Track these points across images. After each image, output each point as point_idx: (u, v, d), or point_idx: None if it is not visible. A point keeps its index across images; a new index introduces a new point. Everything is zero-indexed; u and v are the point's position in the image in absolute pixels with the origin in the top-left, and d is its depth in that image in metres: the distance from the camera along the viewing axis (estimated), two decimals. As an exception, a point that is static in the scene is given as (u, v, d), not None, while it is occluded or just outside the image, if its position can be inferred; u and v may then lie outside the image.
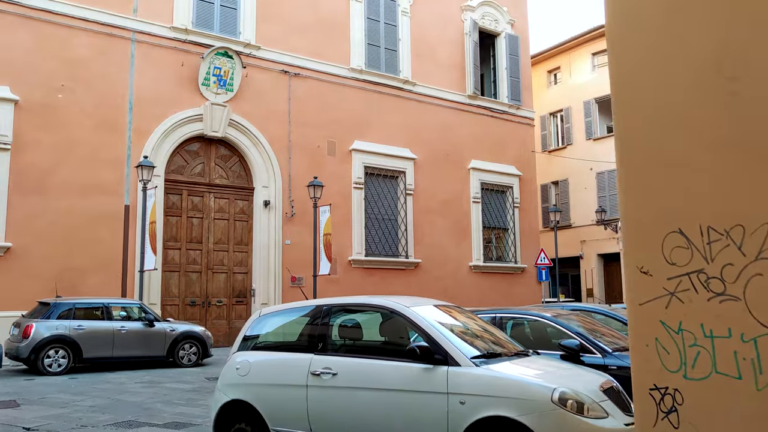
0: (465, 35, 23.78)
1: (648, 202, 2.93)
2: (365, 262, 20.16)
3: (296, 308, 5.62)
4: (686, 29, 2.78)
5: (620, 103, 3.23)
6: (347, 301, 5.50)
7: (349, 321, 5.32)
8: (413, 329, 4.84)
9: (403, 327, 5.14)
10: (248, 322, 5.74)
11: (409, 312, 4.88)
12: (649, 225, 2.92)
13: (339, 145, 20.17)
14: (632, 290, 2.99)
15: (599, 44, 30.26)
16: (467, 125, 23.38)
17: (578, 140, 30.72)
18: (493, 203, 23.96)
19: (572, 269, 30.47)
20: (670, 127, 2.87)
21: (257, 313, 5.78)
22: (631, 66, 3.07)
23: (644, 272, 2.93)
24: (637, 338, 2.97)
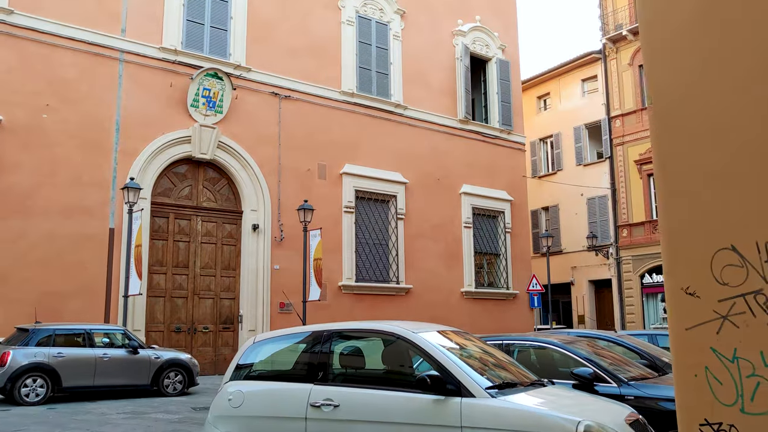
0: (456, 60, 23.71)
1: (693, 215, 2.59)
2: (355, 287, 19.75)
3: (293, 334, 5.24)
4: (731, 31, 2.49)
5: (660, 110, 2.89)
6: (348, 326, 5.12)
7: (351, 348, 4.96)
8: (422, 356, 4.48)
9: (407, 354, 4.78)
10: (241, 349, 5.35)
11: (416, 338, 4.52)
12: (694, 241, 2.59)
13: (329, 169, 19.88)
14: (676, 314, 2.65)
15: (589, 70, 30.37)
16: (459, 150, 23.20)
17: (568, 166, 30.64)
18: (485, 228, 23.69)
19: (563, 296, 30.18)
20: (720, 133, 2.55)
21: (251, 339, 5.40)
22: (671, 69, 2.76)
23: (690, 293, 2.60)
24: (683, 367, 2.62)
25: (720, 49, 2.51)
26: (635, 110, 27.96)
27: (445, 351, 4.42)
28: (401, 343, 4.69)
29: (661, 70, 2.76)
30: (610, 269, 28.39)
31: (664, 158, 2.76)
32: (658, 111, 2.84)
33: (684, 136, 2.68)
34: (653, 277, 26.81)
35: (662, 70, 2.76)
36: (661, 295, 26.76)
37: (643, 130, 27.55)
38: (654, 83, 2.81)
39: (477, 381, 4.15)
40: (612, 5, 29.20)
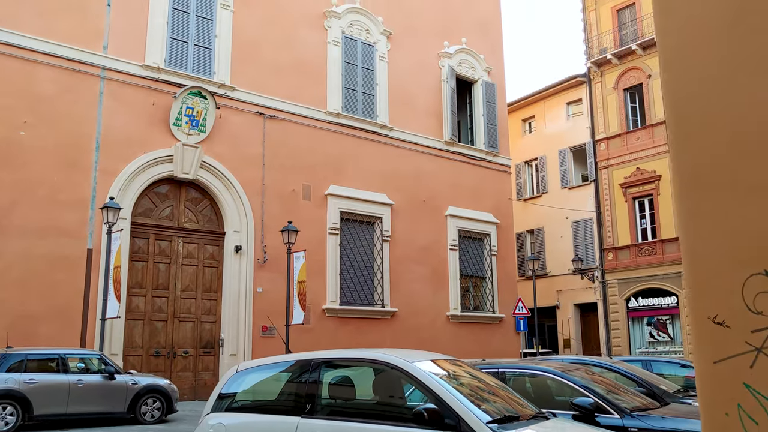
0: (442, 81, 23.64)
1: (721, 236, 2.32)
2: (340, 311, 19.37)
3: (279, 363, 4.92)
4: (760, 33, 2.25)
5: (679, 121, 2.63)
6: (338, 354, 4.80)
7: (340, 378, 4.64)
8: (418, 388, 4.18)
9: (399, 384, 4.48)
10: (224, 378, 5.00)
11: (412, 368, 4.22)
12: (722, 264, 2.31)
13: (314, 190, 19.59)
14: (703, 345, 2.37)
15: (573, 93, 30.47)
16: (444, 171, 23.03)
17: (553, 189, 30.60)
18: (471, 251, 23.46)
19: (548, 319, 29.96)
20: (751, 146, 2.29)
21: (234, 368, 5.07)
22: (691, 77, 2.51)
23: (718, 323, 2.33)
24: (711, 405, 2.34)
25: (750, 52, 2.27)
26: (620, 134, 28.01)
27: (442, 382, 4.12)
28: (394, 373, 4.39)
29: (680, 78, 2.51)
30: (596, 293, 28.23)
31: (684, 174, 2.50)
32: (677, 122, 2.58)
33: (707, 150, 2.42)
34: (639, 300, 26.68)
35: (682, 78, 2.51)
36: (647, 319, 26.64)
37: (627, 153, 27.60)
38: (672, 92, 2.55)
39: (477, 415, 3.85)
40: (596, 29, 29.39)
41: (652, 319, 26.47)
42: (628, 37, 28.43)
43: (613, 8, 28.98)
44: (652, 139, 26.88)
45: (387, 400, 4.62)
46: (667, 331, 26.00)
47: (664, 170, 26.23)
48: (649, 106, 27.17)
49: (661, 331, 26.14)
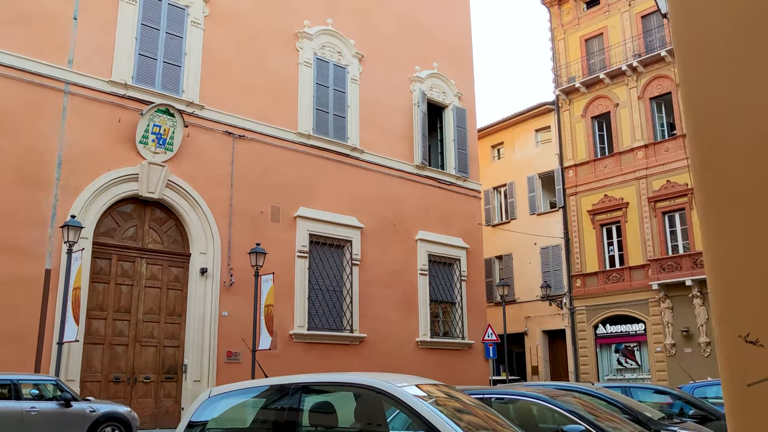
0: (414, 105, 23.59)
1: (752, 248, 2.10)
2: (307, 335, 18.91)
3: (255, 387, 4.56)
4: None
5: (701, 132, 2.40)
6: (319, 379, 4.47)
7: (321, 403, 4.31)
8: (408, 414, 3.87)
9: (382, 410, 4.17)
10: (194, 404, 4.63)
11: (401, 393, 3.91)
12: (754, 279, 2.09)
13: (283, 211, 19.22)
14: (733, 367, 2.14)
15: (542, 121, 30.75)
16: (415, 195, 22.88)
17: (522, 215, 30.68)
18: (441, 276, 23.25)
19: (516, 346, 29.81)
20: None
21: (206, 393, 4.69)
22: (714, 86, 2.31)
23: (751, 342, 2.09)
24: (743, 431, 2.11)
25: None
26: (588, 161, 28.27)
27: (432, 408, 3.82)
28: (377, 398, 4.08)
29: (701, 86, 2.30)
30: (564, 319, 28.21)
31: (709, 187, 2.26)
32: (699, 133, 2.36)
33: (732, 161, 2.19)
34: (607, 327, 26.72)
35: (703, 87, 2.30)
36: (615, 346, 26.66)
37: (595, 180, 27.84)
38: (692, 103, 2.34)
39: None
40: (565, 58, 29.79)
41: (620, 346, 26.50)
42: (596, 66, 28.86)
43: (581, 38, 29.44)
44: (619, 166, 27.16)
45: (369, 427, 4.31)
46: (635, 358, 26.03)
47: (631, 197, 26.49)
48: (617, 134, 27.51)
49: (629, 358, 26.17)
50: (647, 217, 25.83)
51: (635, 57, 27.09)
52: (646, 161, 26.28)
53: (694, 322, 23.83)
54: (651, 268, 24.89)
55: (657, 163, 25.93)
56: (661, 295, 24.62)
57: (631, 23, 27.70)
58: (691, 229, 24.52)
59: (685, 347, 24.01)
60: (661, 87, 26.38)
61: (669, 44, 26.12)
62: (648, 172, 26.12)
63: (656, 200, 25.63)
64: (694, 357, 23.67)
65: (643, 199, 26.07)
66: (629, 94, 27.33)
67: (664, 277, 24.35)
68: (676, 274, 24.04)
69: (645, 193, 26.04)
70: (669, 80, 26.10)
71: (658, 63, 26.48)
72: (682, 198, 24.91)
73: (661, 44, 26.60)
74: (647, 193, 25.97)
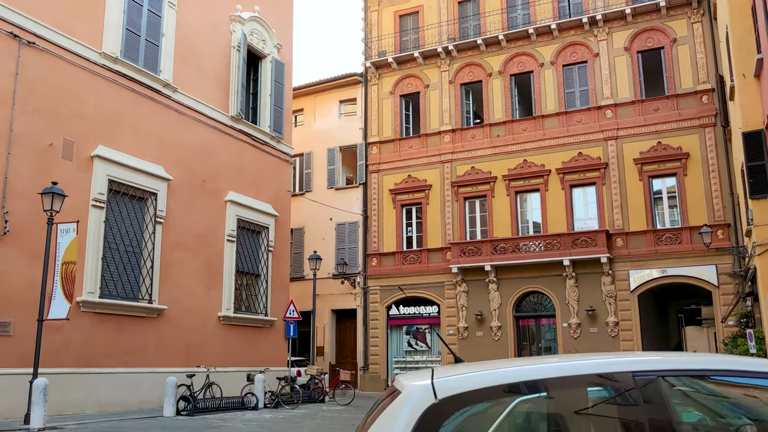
0: (233, 48, 20.65)
1: None
2: (99, 305, 15.22)
3: (558, 379, 2.20)
4: None
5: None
6: (693, 362, 2.30)
7: (714, 400, 2.26)
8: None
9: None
10: (401, 422, 2.08)
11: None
12: None
13: (78, 148, 15.23)
14: None
15: (348, 92, 29.43)
16: (228, 151, 20.04)
17: (319, 188, 29.10)
18: (248, 244, 20.72)
19: (302, 325, 28.13)
20: None
21: (419, 393, 2.18)
22: None
23: None
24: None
25: None
26: (393, 139, 27.62)
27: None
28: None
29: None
30: (356, 299, 27.27)
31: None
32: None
33: None
34: (400, 308, 26.33)
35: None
36: (407, 328, 26.39)
37: (399, 160, 27.28)
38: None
39: None
40: (377, 31, 28.79)
41: (412, 327, 26.30)
42: (408, 44, 28.30)
43: (396, 12, 28.66)
44: (425, 148, 26.91)
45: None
46: (426, 340, 26.01)
47: (435, 180, 26.38)
48: (425, 115, 27.24)
49: (420, 341, 26.08)
50: (449, 201, 25.90)
51: (451, 40, 27.02)
52: (452, 146, 26.34)
53: (488, 306, 24.39)
54: (452, 251, 24.98)
55: (463, 149, 26.12)
56: (459, 278, 24.83)
57: (447, 7, 27.57)
58: (491, 215, 25.07)
59: (477, 330, 24.49)
60: (473, 74, 26.64)
61: (483, 33, 26.48)
62: (453, 157, 26.21)
63: (459, 185, 25.80)
64: (484, 340, 24.22)
65: (447, 183, 26.10)
66: (441, 77, 27.20)
67: (464, 261, 24.56)
68: (477, 258, 24.38)
69: (449, 177, 26.09)
70: (481, 68, 26.44)
71: (472, 50, 26.68)
72: (485, 185, 25.36)
73: (475, 32, 26.85)
74: (451, 177, 26.05)
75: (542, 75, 25.37)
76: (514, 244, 24.05)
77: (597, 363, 2.36)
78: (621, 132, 23.59)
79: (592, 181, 23.77)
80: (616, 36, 24.40)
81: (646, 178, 22.98)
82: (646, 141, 23.16)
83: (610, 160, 23.51)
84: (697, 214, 21.99)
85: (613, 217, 23.13)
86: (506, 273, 24.14)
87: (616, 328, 22.42)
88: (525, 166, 24.80)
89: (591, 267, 22.89)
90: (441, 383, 2.27)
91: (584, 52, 24.83)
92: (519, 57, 25.89)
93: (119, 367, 15.52)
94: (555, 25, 25.00)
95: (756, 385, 2.23)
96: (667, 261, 22.10)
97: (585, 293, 23.01)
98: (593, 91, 24.42)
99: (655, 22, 23.88)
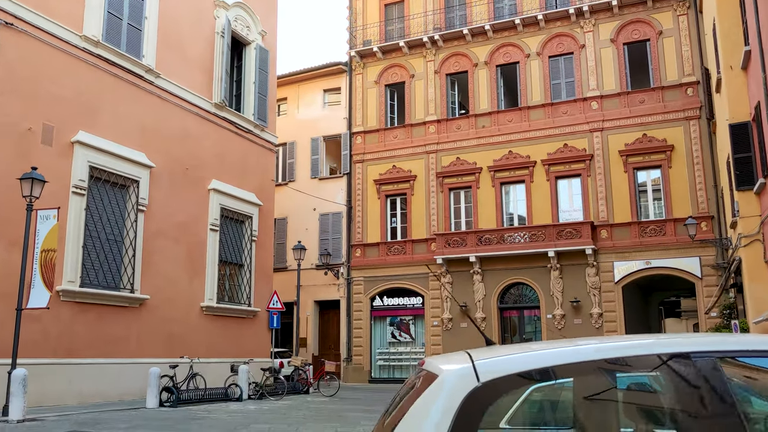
0: (217, 34, 20.28)
1: None
2: (79, 294, 14.86)
3: (618, 359, 2.01)
4: None
5: None
6: (758, 340, 2.15)
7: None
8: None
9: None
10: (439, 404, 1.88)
11: None
12: None
13: (59, 133, 14.83)
14: None
15: (333, 81, 29.15)
16: (211, 138, 19.70)
17: (302, 178, 28.81)
18: (231, 234, 20.41)
19: (285, 316, 27.86)
20: None
21: (459, 375, 2.00)
22: None
23: None
24: None
25: None
26: (378, 129, 27.40)
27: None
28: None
29: None
30: (340, 290, 27.07)
31: None
32: None
33: None
34: (384, 300, 26.18)
35: None
36: (390, 319, 26.26)
37: (384, 150, 27.07)
38: None
39: None
40: (363, 20, 28.50)
41: (396, 319, 26.17)
42: (393, 33, 28.06)
43: (381, 1, 28.41)
44: (410, 138, 26.73)
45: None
46: (410, 331, 25.90)
47: (420, 171, 26.23)
48: (410, 105, 27.04)
49: (404, 332, 25.96)
50: (434, 192, 25.77)
51: (436, 30, 26.82)
52: (437, 136, 26.18)
53: (472, 297, 24.31)
54: (437, 242, 24.85)
55: (448, 140, 25.98)
56: (444, 269, 24.73)
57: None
58: (476, 207, 24.99)
59: (462, 322, 24.42)
60: (459, 65, 26.48)
61: (469, 23, 26.32)
62: (438, 147, 26.06)
63: (444, 176, 25.68)
64: (469, 331, 24.16)
65: (432, 173, 25.95)
66: (426, 66, 27.00)
67: (449, 252, 24.46)
68: (462, 249, 24.29)
69: (434, 168, 25.95)
70: (466, 59, 26.29)
71: (458, 40, 26.51)
72: (470, 176, 25.25)
73: (461, 22, 26.67)
74: (436, 168, 25.90)
75: (528, 66, 25.28)
76: (499, 235, 24.00)
77: (654, 343, 2.20)
78: (606, 124, 23.60)
79: (578, 172, 23.77)
80: (603, 28, 24.38)
81: (631, 170, 23.03)
82: (631, 133, 23.19)
83: (596, 151, 23.53)
84: (682, 206, 22.08)
85: (598, 209, 23.16)
86: (491, 264, 24.07)
87: (600, 320, 22.48)
88: (510, 158, 24.73)
89: (576, 258, 22.91)
90: (483, 365, 2.09)
91: (570, 43, 24.78)
92: (505, 47, 25.78)
93: (100, 357, 15.19)
94: (541, 15, 24.92)
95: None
96: (651, 253, 22.18)
97: (569, 285, 23.03)
98: (579, 82, 24.39)
99: (641, 14, 23.89)
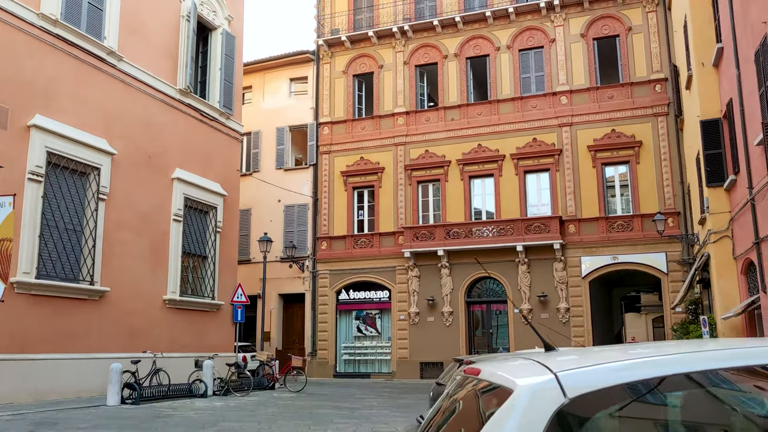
0: (182, 18, 19.56)
1: None
2: (35, 286, 14.12)
3: (720, 370, 1.72)
4: None
5: None
6: None
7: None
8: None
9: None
10: (525, 428, 1.54)
11: None
12: None
13: (14, 116, 14.03)
14: None
15: (299, 70, 28.55)
16: (175, 126, 19.01)
17: (267, 168, 28.19)
18: (195, 225, 19.76)
19: (248, 309, 27.27)
20: None
21: (537, 391, 1.67)
22: None
23: None
24: None
25: None
26: (345, 120, 26.95)
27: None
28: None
29: None
30: (305, 283, 26.59)
31: None
32: None
33: None
34: (350, 293, 25.81)
35: None
36: (356, 313, 25.91)
37: (351, 141, 26.65)
38: None
39: None
40: (331, 8, 27.96)
41: (362, 312, 25.82)
42: (363, 22, 27.61)
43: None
44: (378, 130, 26.35)
45: None
46: (375, 325, 25.59)
47: (388, 163, 25.89)
48: (378, 96, 26.66)
49: (369, 326, 25.63)
50: (402, 185, 25.47)
51: (406, 20, 26.47)
52: (406, 128, 25.87)
53: (439, 291, 24.12)
54: (405, 235, 24.57)
55: (417, 132, 25.69)
56: (411, 263, 24.47)
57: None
58: (444, 200, 24.77)
59: (429, 316, 24.20)
60: (428, 56, 26.18)
61: (440, 14, 26.03)
62: (407, 140, 25.75)
63: (413, 168, 25.39)
64: (436, 326, 23.97)
65: (400, 166, 25.64)
66: (395, 57, 26.64)
67: (417, 246, 24.20)
68: (430, 243, 24.06)
69: (402, 160, 25.64)
70: (436, 50, 26.01)
71: (428, 31, 26.21)
72: (438, 169, 25.02)
73: (431, 13, 26.36)
74: (404, 160, 25.60)
75: (498, 59, 25.13)
76: (467, 229, 23.83)
77: (756, 351, 1.89)
78: (576, 119, 23.60)
79: (546, 167, 23.74)
80: (573, 22, 24.36)
81: (600, 165, 23.09)
82: (600, 128, 23.24)
83: (564, 146, 23.51)
84: (649, 202, 22.22)
85: (566, 204, 23.16)
86: (459, 258, 23.90)
87: (567, 314, 22.52)
88: (479, 151, 24.57)
89: (543, 253, 22.89)
90: (569, 378, 1.76)
91: (541, 37, 24.70)
92: (475, 40, 25.57)
93: (57, 353, 14.47)
94: (512, 8, 24.78)
95: None
96: (618, 248, 22.28)
97: (537, 279, 23.01)
98: (549, 76, 24.33)
99: (611, 10, 23.93)
